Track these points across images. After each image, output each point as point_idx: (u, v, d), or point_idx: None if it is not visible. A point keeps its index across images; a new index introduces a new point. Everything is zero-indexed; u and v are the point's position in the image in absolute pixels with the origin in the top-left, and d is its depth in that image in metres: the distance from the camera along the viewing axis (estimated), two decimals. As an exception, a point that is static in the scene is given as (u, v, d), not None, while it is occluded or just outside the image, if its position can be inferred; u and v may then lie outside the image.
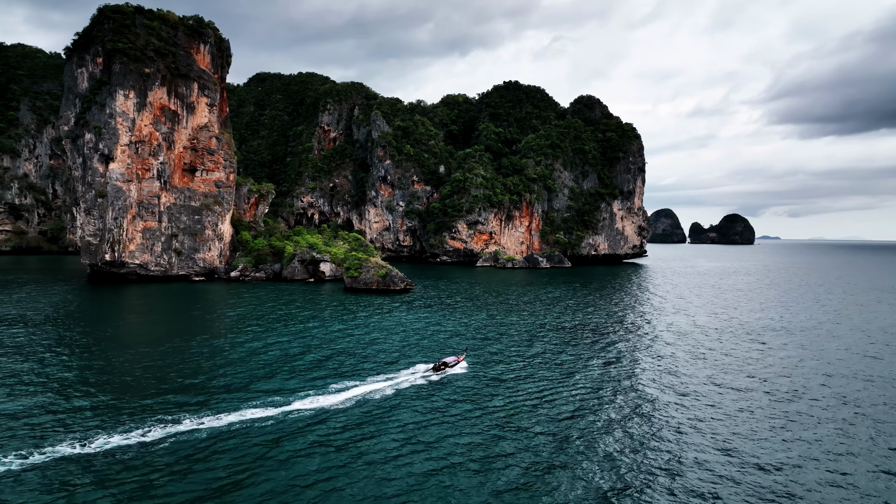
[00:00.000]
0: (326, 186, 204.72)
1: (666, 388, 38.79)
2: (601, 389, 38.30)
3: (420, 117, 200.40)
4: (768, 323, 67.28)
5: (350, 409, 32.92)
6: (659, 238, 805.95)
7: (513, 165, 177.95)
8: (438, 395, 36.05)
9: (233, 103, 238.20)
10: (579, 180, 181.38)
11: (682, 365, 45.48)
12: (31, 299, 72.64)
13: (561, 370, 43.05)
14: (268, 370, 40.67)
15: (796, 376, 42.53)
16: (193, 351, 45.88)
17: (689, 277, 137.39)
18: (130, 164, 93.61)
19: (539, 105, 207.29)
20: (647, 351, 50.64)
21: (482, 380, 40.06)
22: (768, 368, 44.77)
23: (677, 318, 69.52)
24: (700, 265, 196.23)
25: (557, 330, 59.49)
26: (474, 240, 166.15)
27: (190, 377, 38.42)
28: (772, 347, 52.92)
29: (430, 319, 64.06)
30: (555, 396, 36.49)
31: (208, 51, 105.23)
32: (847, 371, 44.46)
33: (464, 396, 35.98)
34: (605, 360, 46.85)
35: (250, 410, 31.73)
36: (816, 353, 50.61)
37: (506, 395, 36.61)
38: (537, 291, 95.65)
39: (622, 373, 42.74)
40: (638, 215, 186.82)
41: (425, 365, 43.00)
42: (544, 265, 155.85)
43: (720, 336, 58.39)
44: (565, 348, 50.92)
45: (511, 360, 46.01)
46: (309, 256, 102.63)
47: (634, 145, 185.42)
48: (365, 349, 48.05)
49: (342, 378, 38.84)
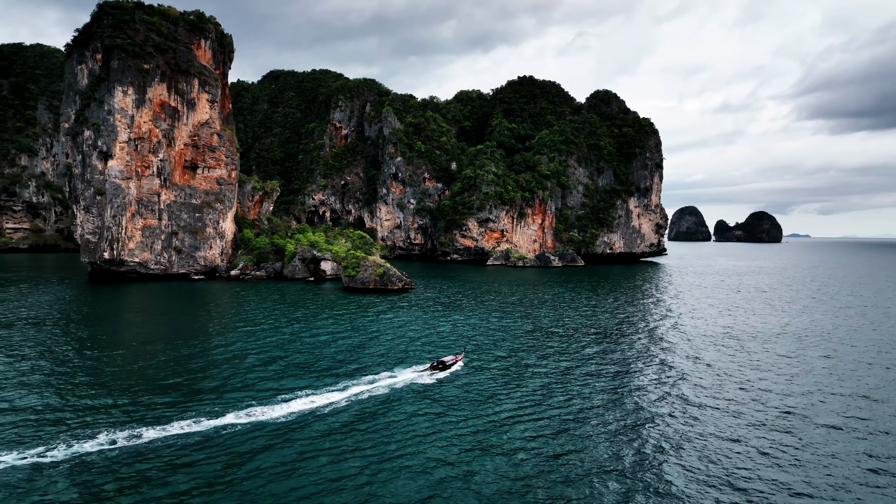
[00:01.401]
0: (338, 184, 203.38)
1: (663, 397, 35.43)
2: (597, 394, 35.50)
3: (432, 114, 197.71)
4: (776, 328, 62.95)
5: (340, 411, 31.95)
6: (683, 236, 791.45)
7: (525, 162, 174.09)
8: (434, 395, 35.33)
9: (246, 101, 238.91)
10: (594, 177, 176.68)
11: (680, 372, 41.94)
12: (23, 298, 71.83)
13: (557, 373, 40.85)
14: (240, 376, 38.38)
15: (796, 393, 38.72)
16: (177, 352, 44.14)
17: (705, 277, 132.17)
18: (129, 161, 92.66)
19: (554, 100, 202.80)
20: (645, 356, 47.10)
21: (480, 380, 39.14)
22: (762, 381, 40.97)
23: (683, 321, 65.58)
24: (719, 264, 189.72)
25: (557, 331, 56.19)
26: (485, 238, 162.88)
27: (172, 379, 37.36)
28: (772, 354, 48.94)
29: (422, 322, 61.25)
30: (551, 398, 35.51)
31: (209, 46, 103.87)
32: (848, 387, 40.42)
33: (460, 396, 35.31)
34: (602, 364, 43.55)
35: (230, 415, 30.71)
36: (822, 364, 46.53)
37: (503, 396, 35.72)
38: (543, 291, 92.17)
39: (618, 378, 39.42)
40: (655, 212, 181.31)
41: (420, 366, 41.83)
42: (556, 264, 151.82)
43: (722, 341, 54.46)
44: (564, 350, 47.90)
45: (508, 360, 43.32)
46: (310, 255, 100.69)
47: (652, 140, 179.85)
48: (348, 353, 45.52)
49: (324, 381, 36.42)
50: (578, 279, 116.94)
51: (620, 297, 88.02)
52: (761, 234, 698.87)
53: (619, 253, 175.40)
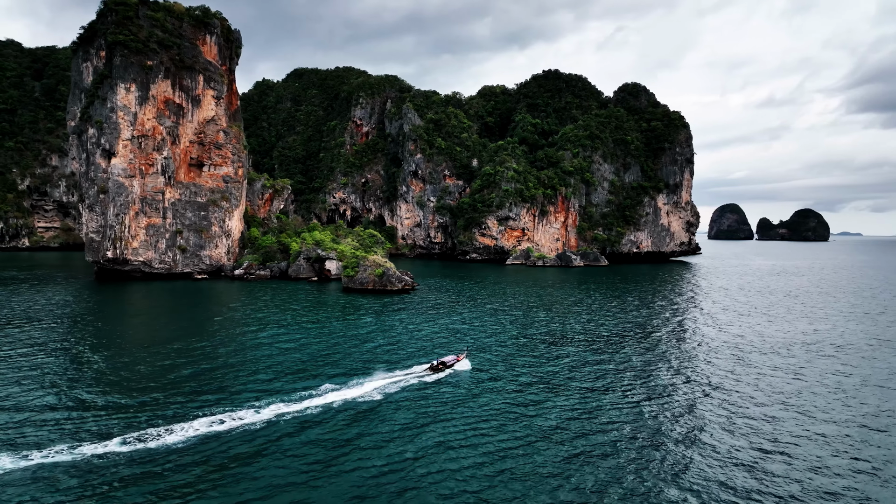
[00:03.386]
0: (358, 182, 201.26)
1: (665, 410, 30.61)
2: (595, 401, 33.55)
3: (453, 109, 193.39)
4: (800, 336, 56.49)
5: (331, 414, 31.66)
6: (724, 235, 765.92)
7: (548, 158, 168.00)
8: (430, 395, 35.43)
9: (271, 100, 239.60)
10: (620, 173, 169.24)
11: (681, 382, 36.84)
12: (22, 296, 71.02)
13: (557, 376, 39.59)
14: (212, 379, 35.32)
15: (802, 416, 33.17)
16: (162, 354, 42.66)
17: (733, 278, 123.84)
18: (133, 159, 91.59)
19: (580, 94, 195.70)
20: (633, 367, 42.00)
21: (479, 381, 38.80)
22: (771, 397, 35.43)
23: (685, 327, 59.71)
24: (753, 264, 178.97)
25: (553, 336, 51.43)
26: (505, 236, 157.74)
27: (159, 381, 36.91)
28: (787, 369, 43.03)
29: (402, 327, 57.30)
30: (548, 401, 34.92)
31: (215, 42, 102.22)
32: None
33: (457, 397, 35.12)
34: (602, 370, 38.84)
35: (204, 419, 30.26)
36: (824, 382, 40.49)
37: (501, 397, 35.33)
38: (552, 293, 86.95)
39: (618, 387, 34.71)
40: (686, 210, 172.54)
41: (420, 366, 41.09)
42: (577, 263, 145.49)
43: (720, 352, 48.66)
44: (565, 354, 44.24)
45: (497, 364, 39.00)
46: (314, 254, 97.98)
47: (682, 135, 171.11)
48: (311, 360, 41.99)
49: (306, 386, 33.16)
50: (598, 280, 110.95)
51: (628, 298, 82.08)
52: (807, 232, 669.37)
53: (646, 252, 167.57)
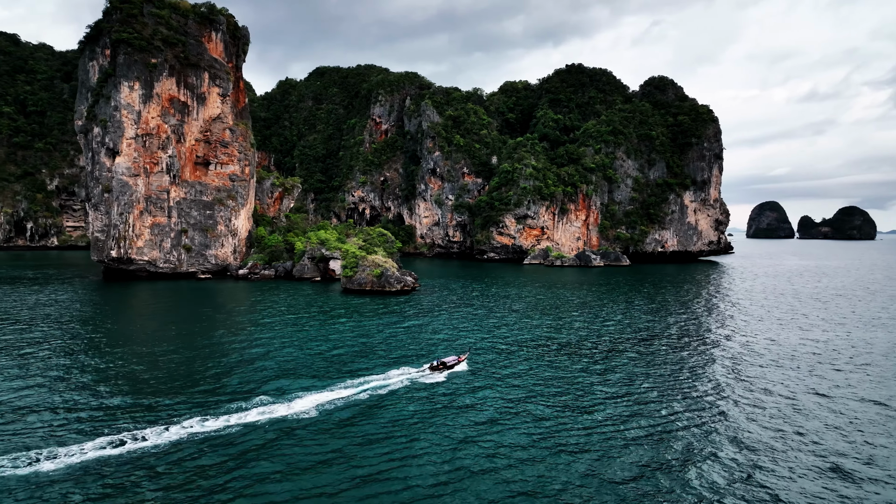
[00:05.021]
0: (377, 180, 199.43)
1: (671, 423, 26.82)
2: (590, 409, 31.17)
3: (473, 106, 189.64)
4: (799, 345, 51.10)
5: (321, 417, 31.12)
6: (762, 233, 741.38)
7: (569, 154, 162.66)
8: (425, 395, 35.40)
9: (293, 98, 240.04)
10: (644, 169, 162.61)
11: (685, 394, 32.75)
12: (24, 296, 70.79)
13: (556, 380, 38.29)
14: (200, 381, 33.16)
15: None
16: (153, 356, 41.23)
17: (760, 279, 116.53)
18: (137, 157, 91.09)
19: (604, 89, 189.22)
20: (627, 375, 37.92)
21: (479, 383, 38.18)
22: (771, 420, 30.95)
23: (689, 332, 54.83)
24: (786, 264, 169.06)
25: (557, 339, 47.60)
26: (523, 235, 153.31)
27: (150, 382, 36.49)
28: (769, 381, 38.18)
29: (381, 335, 54.21)
30: (547, 405, 34.08)
31: (220, 38, 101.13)
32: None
33: (454, 397, 34.76)
34: (604, 378, 35.19)
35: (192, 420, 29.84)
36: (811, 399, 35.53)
37: (501, 398, 34.78)
38: (562, 293, 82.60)
39: (619, 397, 30.98)
40: (715, 207, 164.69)
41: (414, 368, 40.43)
42: (597, 263, 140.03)
43: (721, 362, 43.91)
44: (568, 359, 41.34)
45: (499, 369, 35.73)
46: (319, 253, 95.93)
47: (710, 129, 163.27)
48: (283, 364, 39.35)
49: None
50: (615, 281, 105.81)
51: (636, 301, 77.11)
52: (851, 230, 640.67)
53: (672, 252, 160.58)
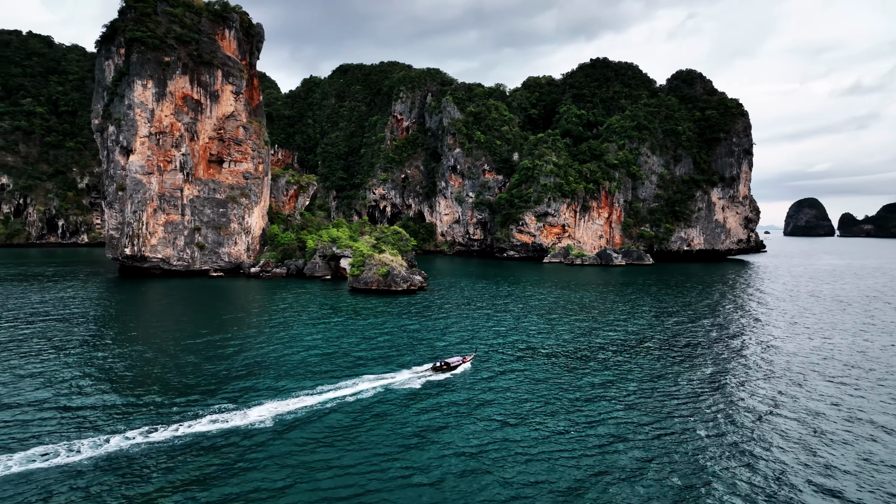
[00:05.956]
0: (398, 178, 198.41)
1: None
2: (588, 419, 28.68)
3: (494, 102, 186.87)
4: (802, 351, 47.17)
5: None
6: (801, 231, 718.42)
7: (591, 150, 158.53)
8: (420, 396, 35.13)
9: (316, 96, 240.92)
10: (670, 165, 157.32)
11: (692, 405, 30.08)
12: (35, 293, 71.69)
13: (558, 384, 36.71)
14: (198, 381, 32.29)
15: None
16: (149, 355, 40.26)
17: (786, 280, 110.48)
18: (150, 155, 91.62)
19: (629, 83, 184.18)
20: (654, 387, 35.27)
21: (479, 384, 37.67)
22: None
23: (693, 336, 51.43)
24: (818, 264, 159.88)
25: (556, 343, 45.21)
26: (544, 233, 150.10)
27: (146, 381, 36.01)
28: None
29: (367, 337, 52.49)
30: (546, 409, 33.01)
31: (234, 36, 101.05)
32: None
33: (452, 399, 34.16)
34: (603, 386, 32.80)
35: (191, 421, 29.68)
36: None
37: (500, 400, 34.20)
38: (572, 295, 79.59)
39: (622, 405, 28.71)
40: (744, 205, 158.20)
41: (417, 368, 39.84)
42: (618, 262, 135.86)
43: (721, 367, 40.61)
44: (562, 362, 38.86)
45: (498, 374, 33.83)
46: (329, 252, 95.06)
47: (739, 124, 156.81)
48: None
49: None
50: (634, 281, 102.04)
51: (642, 305, 73.56)
52: (895, 228, 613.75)
53: (698, 250, 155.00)
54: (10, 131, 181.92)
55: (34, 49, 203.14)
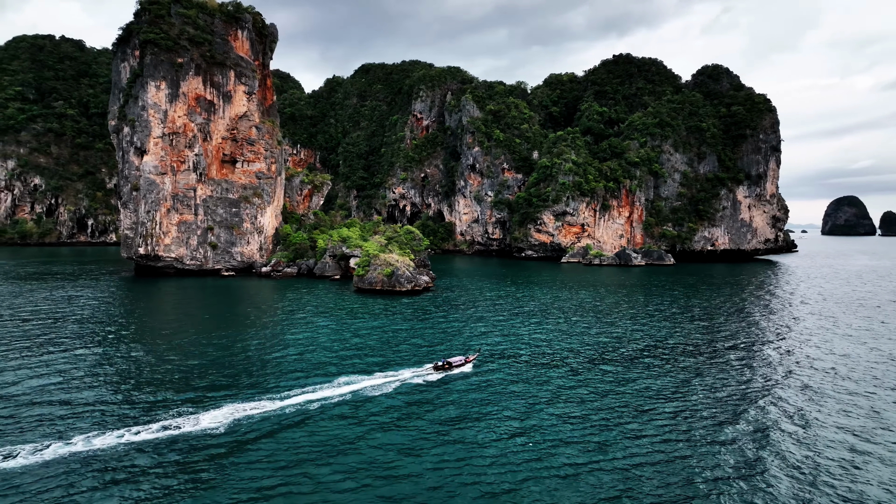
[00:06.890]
0: (418, 177, 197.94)
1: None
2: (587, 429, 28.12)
3: (514, 100, 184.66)
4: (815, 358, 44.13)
5: None
6: (840, 230, 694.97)
7: (612, 148, 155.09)
8: None
9: (338, 96, 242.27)
10: (694, 163, 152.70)
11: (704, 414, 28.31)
12: (50, 290, 73.23)
13: (558, 386, 36.56)
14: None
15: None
16: (148, 354, 40.27)
17: (814, 282, 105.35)
18: (164, 156, 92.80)
19: (653, 80, 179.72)
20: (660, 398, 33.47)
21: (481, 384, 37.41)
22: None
23: (699, 341, 48.88)
24: (852, 265, 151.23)
25: (555, 346, 43.62)
26: (562, 233, 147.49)
27: (147, 380, 35.86)
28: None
29: (355, 341, 51.55)
30: (547, 413, 32.19)
31: (247, 36, 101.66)
32: None
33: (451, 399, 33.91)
34: (594, 390, 31.34)
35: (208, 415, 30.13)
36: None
37: (500, 401, 33.84)
38: (583, 295, 77.37)
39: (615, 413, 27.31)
40: (772, 203, 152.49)
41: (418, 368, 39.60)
42: (638, 262, 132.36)
43: (720, 373, 38.20)
44: (562, 365, 38.65)
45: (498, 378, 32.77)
46: (339, 251, 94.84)
47: (766, 120, 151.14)
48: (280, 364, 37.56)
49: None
50: (652, 282, 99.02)
51: (648, 306, 70.81)
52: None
53: (723, 250, 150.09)
54: (42, 133, 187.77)
55: (66, 53, 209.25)
